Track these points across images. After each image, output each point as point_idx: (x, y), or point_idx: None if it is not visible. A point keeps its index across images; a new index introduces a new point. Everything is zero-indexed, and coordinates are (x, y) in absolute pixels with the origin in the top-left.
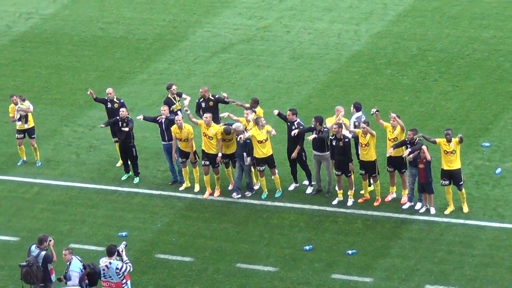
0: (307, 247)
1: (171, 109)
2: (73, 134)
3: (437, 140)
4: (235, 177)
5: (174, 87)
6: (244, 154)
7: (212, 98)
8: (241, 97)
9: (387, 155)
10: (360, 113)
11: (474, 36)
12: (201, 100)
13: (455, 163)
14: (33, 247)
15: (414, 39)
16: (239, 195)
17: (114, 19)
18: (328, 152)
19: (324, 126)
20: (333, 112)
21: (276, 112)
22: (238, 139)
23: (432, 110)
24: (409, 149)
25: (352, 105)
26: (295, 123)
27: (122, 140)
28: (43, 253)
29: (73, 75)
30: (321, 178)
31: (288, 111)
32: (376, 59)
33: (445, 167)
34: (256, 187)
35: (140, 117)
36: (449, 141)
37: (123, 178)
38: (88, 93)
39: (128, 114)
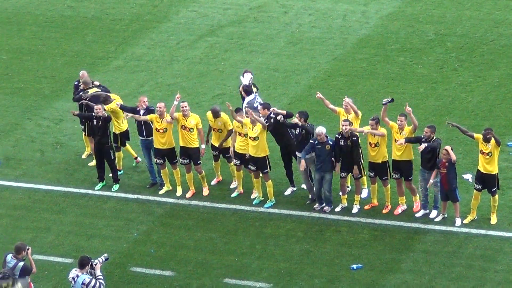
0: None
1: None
2: (37, 128)
3: (475, 135)
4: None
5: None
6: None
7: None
8: (230, 87)
9: (398, 143)
10: (252, 96)
11: (500, 19)
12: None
13: (490, 167)
14: (9, 257)
15: (431, 22)
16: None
17: None
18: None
19: (310, 123)
20: (337, 105)
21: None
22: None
23: (450, 104)
24: (426, 144)
25: (241, 87)
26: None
27: (98, 141)
28: (21, 264)
29: (38, 61)
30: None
31: (259, 106)
32: (387, 44)
33: (480, 169)
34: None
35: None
36: (486, 140)
37: (97, 187)
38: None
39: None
